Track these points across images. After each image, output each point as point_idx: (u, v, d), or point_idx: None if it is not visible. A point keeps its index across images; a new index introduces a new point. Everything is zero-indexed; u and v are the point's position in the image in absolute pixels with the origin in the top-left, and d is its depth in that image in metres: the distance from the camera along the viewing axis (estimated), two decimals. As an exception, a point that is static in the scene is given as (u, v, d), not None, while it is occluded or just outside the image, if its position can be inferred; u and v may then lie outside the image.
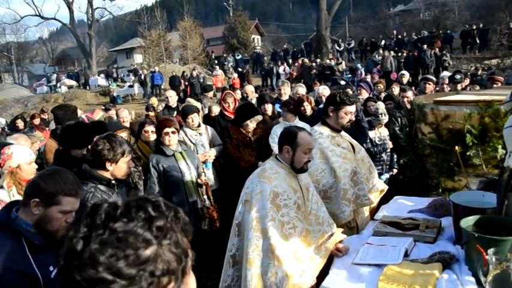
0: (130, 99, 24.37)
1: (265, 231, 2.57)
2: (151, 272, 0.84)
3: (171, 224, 0.90)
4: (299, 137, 2.78)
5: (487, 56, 23.06)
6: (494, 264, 2.00)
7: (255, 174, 2.85)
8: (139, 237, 0.85)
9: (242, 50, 33.19)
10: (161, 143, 4.29)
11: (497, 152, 3.33)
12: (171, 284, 0.88)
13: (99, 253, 0.82)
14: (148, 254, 0.84)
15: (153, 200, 0.92)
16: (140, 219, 0.87)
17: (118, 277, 0.81)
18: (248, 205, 2.70)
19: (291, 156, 2.78)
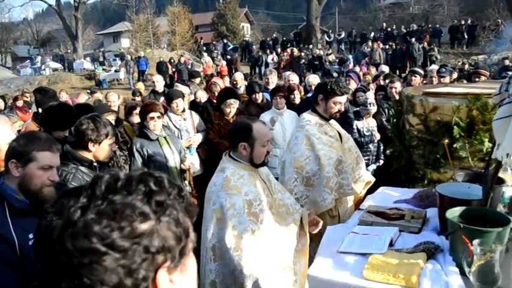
0: (116, 83, 24.06)
1: (247, 249, 2.36)
2: (146, 247, 0.81)
3: (173, 201, 0.87)
4: (255, 130, 2.53)
5: (474, 52, 23.30)
6: (479, 255, 2.01)
7: (217, 185, 2.54)
8: (136, 210, 0.82)
9: (231, 37, 32.95)
10: (145, 127, 4.22)
11: (484, 145, 3.35)
12: (167, 263, 0.84)
13: (94, 223, 0.80)
14: (144, 228, 0.82)
15: (156, 175, 0.89)
16: (140, 193, 0.84)
17: (111, 249, 0.79)
18: (221, 223, 2.42)
19: (249, 153, 2.55)
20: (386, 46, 21.74)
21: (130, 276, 0.80)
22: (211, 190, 2.58)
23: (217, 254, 2.42)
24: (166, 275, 0.85)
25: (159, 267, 0.83)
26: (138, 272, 0.81)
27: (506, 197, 2.79)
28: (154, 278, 0.83)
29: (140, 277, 0.81)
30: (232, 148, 2.62)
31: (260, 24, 44.00)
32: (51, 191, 2.05)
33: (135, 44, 31.39)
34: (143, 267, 0.81)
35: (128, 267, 0.80)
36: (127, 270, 0.80)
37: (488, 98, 3.31)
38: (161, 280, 0.84)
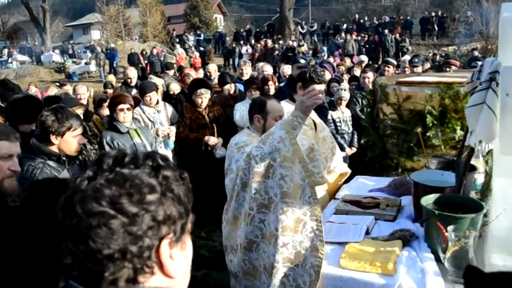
0: (86, 76, 23.53)
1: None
2: (153, 215, 0.82)
3: (176, 181, 0.89)
4: (268, 105, 2.79)
5: (444, 43, 23.76)
6: (453, 241, 2.03)
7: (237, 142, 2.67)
8: (144, 182, 0.84)
9: (204, 29, 32.60)
10: (114, 120, 4.10)
11: (456, 133, 3.40)
12: (170, 235, 0.85)
13: (104, 188, 0.81)
14: (152, 199, 0.83)
15: (162, 154, 0.92)
16: (148, 167, 0.86)
17: (120, 213, 0.80)
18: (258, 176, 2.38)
19: (262, 124, 2.77)
20: (359, 37, 21.97)
21: (135, 243, 0.81)
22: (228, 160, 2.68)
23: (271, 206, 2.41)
24: (168, 249, 0.86)
25: (163, 237, 0.84)
26: (143, 240, 0.81)
27: (478, 183, 2.84)
28: (158, 249, 0.84)
29: (145, 245, 0.82)
30: (250, 121, 2.86)
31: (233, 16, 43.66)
32: (12, 184, 1.97)
33: (106, 35, 30.70)
34: (148, 235, 0.82)
35: (134, 234, 0.80)
36: (133, 237, 0.80)
37: (460, 87, 3.35)
38: (164, 252, 0.85)
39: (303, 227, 2.28)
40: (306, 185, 2.30)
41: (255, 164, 2.34)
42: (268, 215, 2.34)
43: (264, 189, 2.34)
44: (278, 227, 2.28)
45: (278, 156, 2.30)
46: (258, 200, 2.35)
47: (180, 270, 0.89)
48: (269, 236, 2.34)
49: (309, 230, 2.27)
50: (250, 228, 2.40)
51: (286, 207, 2.28)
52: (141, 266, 0.82)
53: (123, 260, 0.81)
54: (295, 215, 2.29)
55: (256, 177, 2.34)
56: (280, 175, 2.30)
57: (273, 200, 2.32)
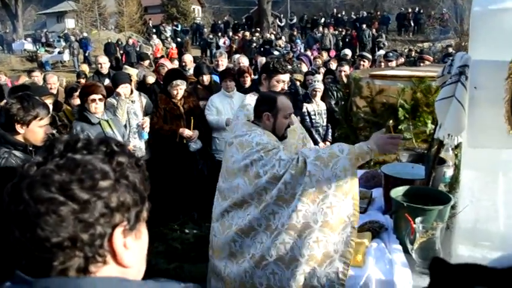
0: (60, 66, 22.98)
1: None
2: (106, 202, 0.78)
3: (132, 168, 0.85)
4: (279, 102, 2.59)
5: (420, 39, 24.12)
6: (421, 232, 2.05)
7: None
8: (97, 168, 0.80)
9: (182, 20, 32.20)
10: (85, 110, 4.00)
11: (427, 126, 3.43)
12: (124, 223, 0.82)
13: (53, 173, 0.78)
14: (105, 185, 0.79)
15: (117, 140, 0.88)
16: (101, 152, 0.83)
17: (70, 199, 0.77)
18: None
19: (272, 123, 2.58)
20: (336, 32, 22.10)
21: (86, 230, 0.78)
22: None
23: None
24: (122, 237, 0.83)
25: (116, 225, 0.82)
26: (95, 228, 0.78)
27: (447, 176, 2.88)
28: (111, 238, 0.81)
29: (97, 233, 0.79)
30: (257, 118, 2.64)
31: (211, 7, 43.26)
32: None
33: (81, 24, 30.01)
34: (101, 223, 0.79)
35: (85, 221, 0.77)
36: (84, 224, 0.77)
37: (432, 81, 3.38)
38: (117, 241, 0.82)
39: (329, 264, 2.15)
40: (349, 223, 2.17)
41: (309, 183, 2.17)
42: (297, 240, 2.18)
43: (304, 213, 2.17)
44: (305, 253, 2.15)
45: (335, 184, 2.17)
46: (291, 221, 2.18)
47: (134, 259, 0.86)
48: (288, 261, 2.19)
49: (333, 269, 2.14)
50: (269, 241, 2.23)
51: (321, 237, 2.15)
52: (93, 254, 0.79)
53: (74, 249, 0.77)
54: (326, 249, 2.15)
55: (304, 197, 2.17)
56: (330, 204, 2.16)
57: (310, 226, 2.16)
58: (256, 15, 29.78)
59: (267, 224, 2.27)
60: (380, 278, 2.08)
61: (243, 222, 2.32)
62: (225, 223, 2.43)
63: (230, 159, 2.48)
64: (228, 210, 2.44)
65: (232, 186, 2.42)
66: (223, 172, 2.58)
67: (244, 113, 3.25)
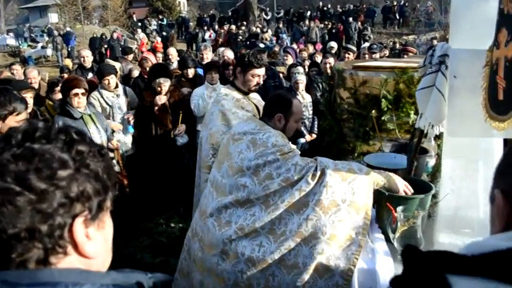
0: (43, 61, 22.65)
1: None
2: (65, 191, 0.76)
3: (94, 157, 0.82)
4: (294, 106, 2.54)
5: (405, 32, 24.27)
6: (403, 221, 2.07)
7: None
8: (55, 157, 0.78)
9: (167, 13, 31.91)
10: (67, 104, 3.94)
11: (410, 117, 3.46)
12: (85, 213, 0.80)
13: (8, 163, 0.75)
14: (64, 174, 0.76)
15: (79, 129, 0.85)
16: (60, 141, 0.80)
17: (26, 189, 0.74)
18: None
19: (283, 125, 2.51)
20: (322, 25, 22.12)
21: (45, 221, 0.75)
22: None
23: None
24: (83, 227, 0.81)
25: (76, 215, 0.79)
26: (54, 218, 0.76)
27: (429, 166, 2.91)
28: (71, 228, 0.79)
29: (56, 223, 0.77)
30: (267, 116, 2.54)
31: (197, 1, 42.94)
32: None
33: (64, 19, 29.57)
34: (60, 213, 0.77)
35: (43, 212, 0.75)
36: (42, 215, 0.75)
37: (414, 72, 3.40)
38: (77, 231, 0.79)
39: (330, 277, 2.14)
40: (356, 240, 2.15)
41: (325, 194, 2.15)
42: (302, 248, 2.17)
43: (314, 223, 2.15)
44: (307, 262, 2.14)
45: (350, 199, 2.16)
46: (300, 229, 2.17)
47: (98, 250, 0.84)
48: (290, 266, 2.18)
49: (333, 282, 2.14)
50: (275, 246, 2.20)
51: (326, 250, 2.14)
52: (53, 246, 0.77)
53: (32, 240, 0.75)
54: (329, 262, 2.15)
55: (317, 207, 2.15)
56: (342, 218, 2.15)
57: (318, 237, 2.14)
58: (242, 8, 29.64)
59: (271, 228, 2.23)
60: (362, 266, 2.10)
61: (245, 222, 2.27)
62: (222, 220, 2.36)
63: (238, 155, 2.38)
64: (227, 207, 2.37)
65: (237, 184, 2.34)
66: (225, 167, 2.46)
67: (219, 109, 3.22)
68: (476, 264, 0.73)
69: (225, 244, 2.30)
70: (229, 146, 2.49)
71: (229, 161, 2.43)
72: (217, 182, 2.48)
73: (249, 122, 2.56)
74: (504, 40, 1.60)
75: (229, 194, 2.37)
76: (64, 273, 0.77)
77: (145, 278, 0.86)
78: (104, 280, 0.80)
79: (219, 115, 3.22)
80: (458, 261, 0.76)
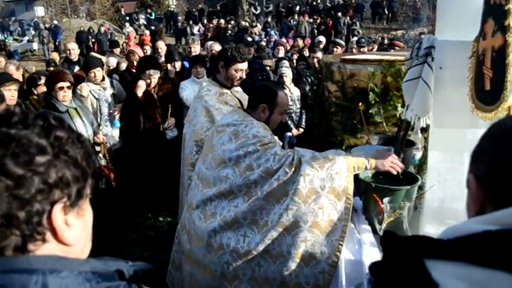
0: (29, 55, 22.35)
1: None
2: (43, 177, 0.74)
3: (72, 144, 0.80)
4: (279, 97, 2.52)
5: (394, 27, 24.35)
6: (389, 212, 2.08)
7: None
8: (33, 142, 0.76)
9: (155, 7, 31.64)
10: (52, 98, 3.89)
11: (397, 110, 3.47)
12: (63, 200, 0.78)
13: None
14: (42, 160, 0.74)
15: (56, 114, 0.82)
16: (38, 127, 0.78)
17: (3, 175, 0.72)
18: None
19: (267, 116, 2.51)
20: (311, 20, 22.13)
21: (23, 207, 0.74)
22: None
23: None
24: (62, 214, 0.79)
25: (55, 202, 0.78)
26: (32, 204, 0.74)
27: (416, 159, 2.93)
28: (50, 215, 0.77)
29: (34, 210, 0.75)
30: (251, 107, 2.54)
31: (186, -5, 42.69)
32: None
33: (50, 12, 29.15)
34: (38, 200, 0.75)
35: (21, 198, 0.73)
36: (20, 201, 0.73)
37: (402, 65, 3.41)
38: (56, 218, 0.78)
39: (315, 264, 2.16)
40: (339, 226, 2.16)
41: (302, 182, 2.15)
42: (285, 237, 2.17)
43: (294, 212, 2.15)
44: (292, 251, 2.16)
45: (329, 185, 2.16)
46: (281, 219, 2.16)
47: (77, 237, 0.83)
48: (275, 256, 2.19)
49: (318, 269, 2.15)
50: (259, 237, 2.20)
51: (309, 237, 2.15)
52: (31, 232, 0.75)
53: (9, 227, 0.73)
54: (314, 250, 2.16)
55: (296, 197, 2.14)
56: (322, 205, 2.15)
57: (300, 225, 2.15)
58: (231, 2, 29.49)
59: (253, 218, 2.23)
60: (349, 258, 2.11)
61: (229, 214, 2.27)
62: (207, 212, 2.37)
63: (220, 146, 2.39)
64: (212, 199, 2.37)
65: (220, 176, 2.35)
66: (209, 159, 2.46)
67: (203, 105, 3.17)
68: (453, 248, 0.74)
69: (210, 236, 2.30)
70: (213, 138, 2.49)
71: (212, 153, 2.44)
72: (202, 174, 2.49)
73: (233, 114, 2.55)
74: (491, 30, 1.60)
75: (214, 186, 2.37)
76: (41, 260, 0.76)
77: (125, 266, 0.85)
78: (83, 267, 0.78)
79: (203, 111, 3.18)
80: (436, 245, 0.76)
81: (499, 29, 1.54)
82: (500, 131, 0.84)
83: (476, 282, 0.69)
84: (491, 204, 0.80)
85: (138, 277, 0.86)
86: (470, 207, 0.87)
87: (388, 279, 0.79)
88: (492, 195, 0.80)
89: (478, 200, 0.83)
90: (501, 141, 0.80)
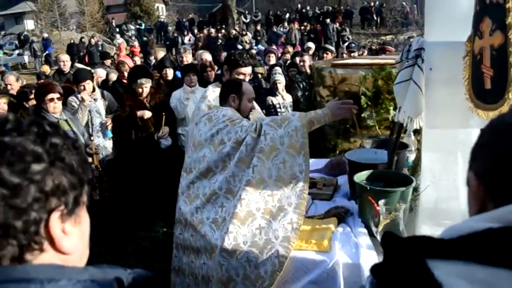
0: (20, 68, 22.24)
1: None
2: (40, 185, 0.72)
3: (68, 151, 0.79)
4: (244, 86, 2.79)
5: (383, 32, 24.55)
6: (385, 214, 2.07)
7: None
8: (28, 150, 0.74)
9: (146, 18, 31.71)
10: (42, 110, 3.86)
11: (389, 113, 3.50)
12: (61, 208, 0.76)
13: None
14: (38, 168, 0.74)
15: (51, 121, 0.81)
16: (33, 134, 0.76)
17: None
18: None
19: (237, 104, 2.74)
20: (301, 27, 22.27)
21: (19, 217, 0.72)
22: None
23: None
24: (59, 222, 0.77)
25: (52, 210, 0.76)
26: (28, 213, 0.73)
27: (410, 161, 2.93)
28: (47, 223, 0.75)
29: (31, 219, 0.73)
30: (223, 101, 2.79)
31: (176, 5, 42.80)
32: None
33: (40, 25, 29.08)
34: (35, 208, 0.73)
35: (17, 207, 0.72)
36: (16, 211, 0.72)
37: (392, 68, 3.44)
38: (54, 226, 0.76)
39: (283, 216, 2.25)
40: (301, 178, 2.30)
41: (264, 141, 2.33)
42: (252, 195, 2.31)
43: (259, 169, 2.31)
44: (261, 207, 2.28)
45: (287, 141, 2.32)
46: (248, 178, 2.32)
47: (74, 245, 0.81)
48: (244, 217, 2.28)
49: (287, 220, 2.24)
50: (233, 203, 2.33)
51: (275, 192, 2.29)
52: (28, 242, 0.74)
53: (6, 237, 0.72)
54: (281, 202, 2.28)
55: (260, 153, 2.31)
56: (283, 159, 2.30)
57: (265, 181, 2.30)
58: (221, 12, 29.62)
59: (227, 187, 2.37)
60: (347, 261, 2.09)
61: (209, 190, 2.42)
62: (191, 195, 2.51)
63: (197, 133, 2.58)
64: (193, 181, 2.52)
65: (198, 157, 2.52)
66: (190, 148, 2.66)
67: (206, 104, 3.24)
68: (455, 247, 0.73)
69: (192, 214, 2.44)
70: (193, 131, 2.68)
71: (191, 142, 2.64)
72: (185, 164, 2.66)
73: (206, 111, 2.78)
74: (488, 29, 1.59)
75: (194, 169, 2.54)
76: (39, 269, 0.74)
77: (124, 274, 0.83)
78: (81, 276, 0.77)
79: (206, 109, 3.25)
80: (438, 245, 0.76)
81: (498, 27, 1.53)
82: (499, 126, 0.84)
83: (480, 281, 0.68)
84: (491, 201, 0.79)
85: (137, 285, 0.84)
86: (471, 205, 0.87)
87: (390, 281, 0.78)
88: (493, 192, 0.79)
89: (479, 198, 0.83)
90: (501, 136, 0.80)
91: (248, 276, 2.21)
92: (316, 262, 2.12)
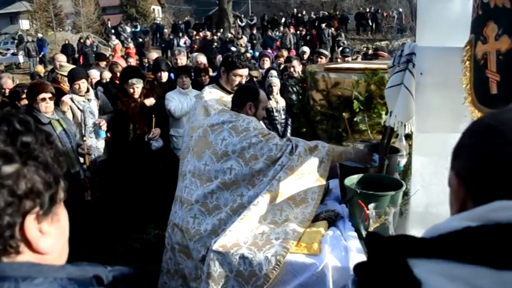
0: (14, 68, 22.11)
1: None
2: (11, 189, 0.70)
3: (41, 146, 0.76)
4: (261, 95, 2.83)
5: (378, 38, 24.68)
6: (374, 218, 2.08)
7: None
8: None
9: (141, 20, 31.68)
10: (34, 110, 3.83)
11: (381, 118, 3.50)
12: (36, 209, 0.74)
13: None
14: (9, 171, 0.69)
15: (21, 116, 0.76)
16: (2, 133, 0.72)
17: None
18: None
19: (253, 113, 2.75)
20: (297, 32, 22.34)
21: None
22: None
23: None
24: (35, 223, 0.75)
25: (26, 213, 0.73)
26: (2, 218, 0.70)
27: (401, 165, 2.94)
28: (22, 226, 0.73)
29: (5, 223, 0.71)
30: (238, 106, 2.76)
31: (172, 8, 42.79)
32: None
33: (35, 25, 28.96)
34: (8, 213, 0.70)
35: None
36: None
37: (385, 73, 3.45)
38: (29, 228, 0.74)
39: (286, 225, 2.35)
40: (311, 204, 2.44)
41: (295, 161, 2.45)
42: (270, 205, 2.43)
43: (283, 182, 2.42)
44: (268, 218, 2.39)
45: (312, 169, 2.49)
46: (270, 188, 2.41)
47: (52, 244, 0.79)
48: (252, 222, 2.37)
49: (290, 227, 2.33)
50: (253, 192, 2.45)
51: (285, 208, 2.42)
52: (3, 247, 0.72)
53: None
54: (287, 217, 2.40)
55: (287, 169, 2.43)
56: (304, 183, 2.47)
57: (282, 196, 2.42)
58: (217, 15, 29.65)
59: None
60: (336, 264, 2.09)
61: (235, 204, 2.46)
62: (209, 205, 2.50)
63: (221, 142, 2.55)
64: (213, 192, 2.50)
65: (223, 168, 2.50)
66: (207, 155, 2.58)
67: (202, 104, 3.26)
68: (435, 245, 0.74)
69: (214, 225, 2.45)
70: (208, 137, 2.62)
71: (211, 149, 2.57)
72: (199, 170, 2.59)
73: (223, 114, 2.71)
74: (493, 34, 1.57)
75: (215, 179, 2.52)
76: (14, 267, 0.72)
77: (104, 271, 0.81)
78: (58, 274, 0.74)
79: (202, 110, 3.29)
80: (418, 244, 0.76)
81: (504, 32, 1.50)
82: (478, 127, 0.85)
83: (459, 278, 0.69)
84: (471, 200, 0.80)
85: (118, 283, 0.82)
86: (452, 205, 0.88)
87: (371, 279, 0.79)
88: (472, 191, 0.80)
89: (459, 197, 0.84)
90: (479, 137, 0.81)
91: (241, 273, 2.21)
92: (306, 265, 2.12)
